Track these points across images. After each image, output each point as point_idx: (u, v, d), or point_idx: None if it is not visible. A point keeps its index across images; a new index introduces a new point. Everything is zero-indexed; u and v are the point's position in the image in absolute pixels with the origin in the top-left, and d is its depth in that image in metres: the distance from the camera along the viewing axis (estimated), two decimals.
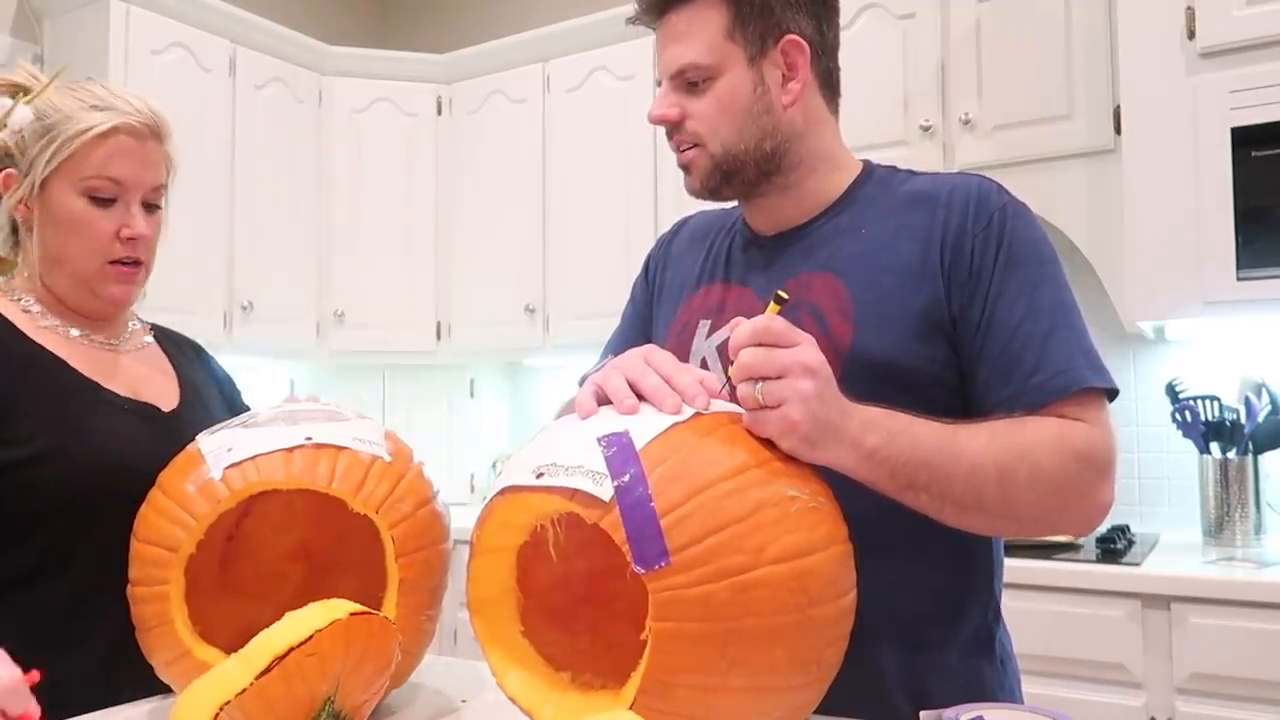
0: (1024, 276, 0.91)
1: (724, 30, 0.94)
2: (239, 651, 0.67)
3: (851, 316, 0.93)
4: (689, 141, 0.98)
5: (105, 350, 1.13)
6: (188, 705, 0.64)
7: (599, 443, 0.70)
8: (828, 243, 0.99)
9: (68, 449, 1.02)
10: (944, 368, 0.93)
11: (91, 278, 1.09)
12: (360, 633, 0.69)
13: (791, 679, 0.69)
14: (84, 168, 1.05)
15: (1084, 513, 0.88)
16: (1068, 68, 2.18)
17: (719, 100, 0.95)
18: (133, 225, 1.08)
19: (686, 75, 0.96)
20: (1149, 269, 1.98)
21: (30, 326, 1.08)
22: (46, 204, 1.06)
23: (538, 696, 0.74)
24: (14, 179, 1.07)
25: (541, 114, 2.96)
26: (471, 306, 3.11)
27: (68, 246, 1.07)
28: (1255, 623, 1.71)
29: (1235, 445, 2.12)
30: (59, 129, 1.05)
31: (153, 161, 1.10)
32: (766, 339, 0.75)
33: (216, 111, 2.76)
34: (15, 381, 1.02)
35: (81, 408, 1.06)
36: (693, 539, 0.66)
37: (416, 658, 0.95)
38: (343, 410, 1.00)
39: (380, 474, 0.91)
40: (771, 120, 0.96)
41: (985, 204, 0.94)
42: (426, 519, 0.93)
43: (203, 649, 0.87)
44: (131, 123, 1.07)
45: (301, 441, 0.89)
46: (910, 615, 0.94)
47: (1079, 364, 0.89)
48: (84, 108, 1.06)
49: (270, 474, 0.88)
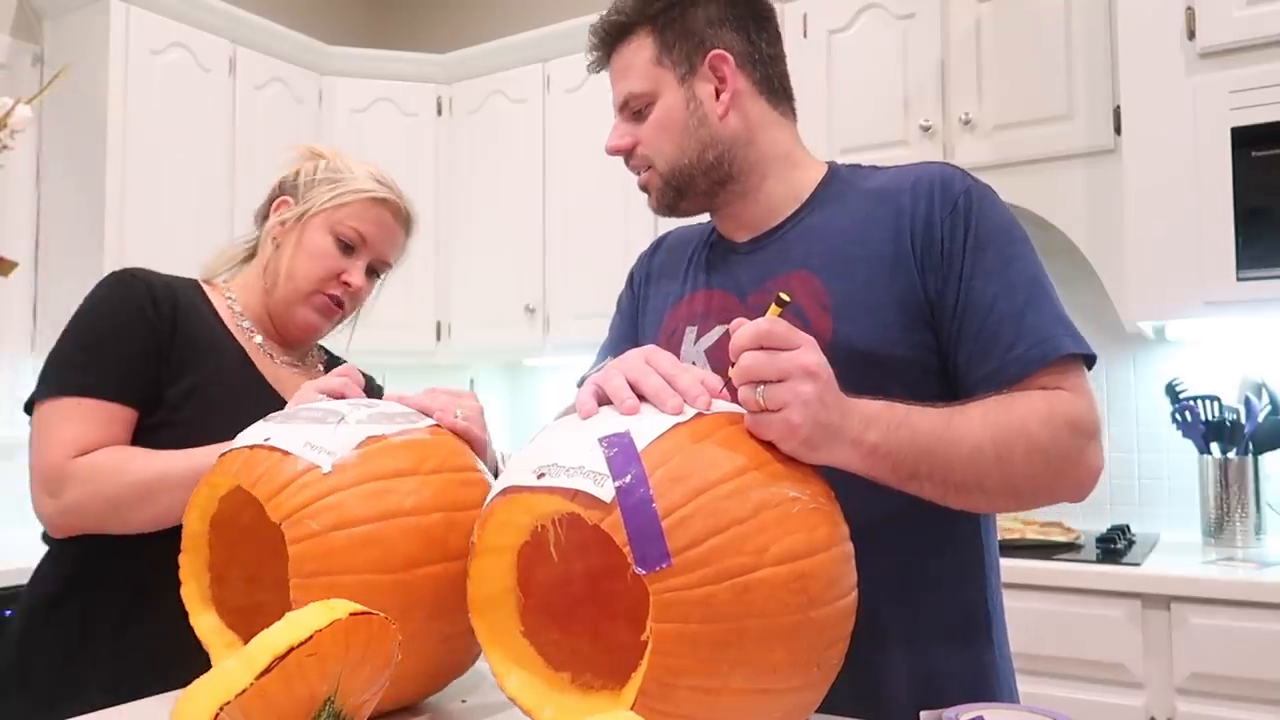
0: (994, 255, 0.93)
1: (653, 58, 1.02)
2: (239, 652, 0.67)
3: (830, 309, 0.96)
4: (641, 165, 1.06)
5: (277, 364, 1.26)
6: (188, 705, 0.64)
7: (600, 443, 0.70)
8: (800, 242, 1.02)
9: (204, 424, 1.08)
10: (927, 352, 0.95)
11: (295, 299, 1.23)
12: (360, 633, 0.68)
13: (792, 680, 0.69)
14: (345, 216, 1.23)
15: (1077, 480, 0.89)
16: (1068, 68, 2.18)
17: (658, 121, 1.03)
18: (352, 275, 1.24)
19: (630, 105, 1.04)
20: (1149, 269, 1.98)
21: (229, 319, 1.23)
22: (302, 231, 1.23)
23: (538, 697, 0.74)
24: (287, 205, 1.25)
25: (541, 114, 2.96)
26: (471, 306, 3.11)
27: (296, 266, 1.22)
28: (1255, 623, 1.71)
29: (1235, 445, 2.12)
30: (346, 183, 1.24)
31: (395, 241, 1.28)
32: (768, 342, 0.75)
33: (216, 111, 2.76)
34: (198, 354, 1.15)
35: (235, 395, 1.14)
36: (694, 540, 0.65)
37: None
38: (391, 410, 0.93)
39: (306, 485, 0.81)
40: (709, 131, 1.02)
41: (949, 189, 0.97)
42: (342, 543, 0.79)
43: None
44: (398, 205, 1.27)
45: (260, 441, 0.86)
46: (900, 596, 0.95)
47: (1056, 333, 0.91)
48: (370, 179, 1.25)
49: (223, 470, 0.87)
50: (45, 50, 2.70)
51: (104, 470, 1.06)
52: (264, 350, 1.25)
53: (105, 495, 1.06)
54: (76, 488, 1.06)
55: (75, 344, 1.12)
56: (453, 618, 0.80)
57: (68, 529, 1.10)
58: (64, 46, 2.65)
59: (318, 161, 1.26)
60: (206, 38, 2.73)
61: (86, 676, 1.08)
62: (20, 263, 1.16)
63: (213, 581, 0.92)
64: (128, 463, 1.07)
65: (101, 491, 1.06)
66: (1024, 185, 2.23)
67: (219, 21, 2.76)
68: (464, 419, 0.95)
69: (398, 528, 0.81)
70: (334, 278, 1.23)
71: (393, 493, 0.82)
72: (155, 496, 1.04)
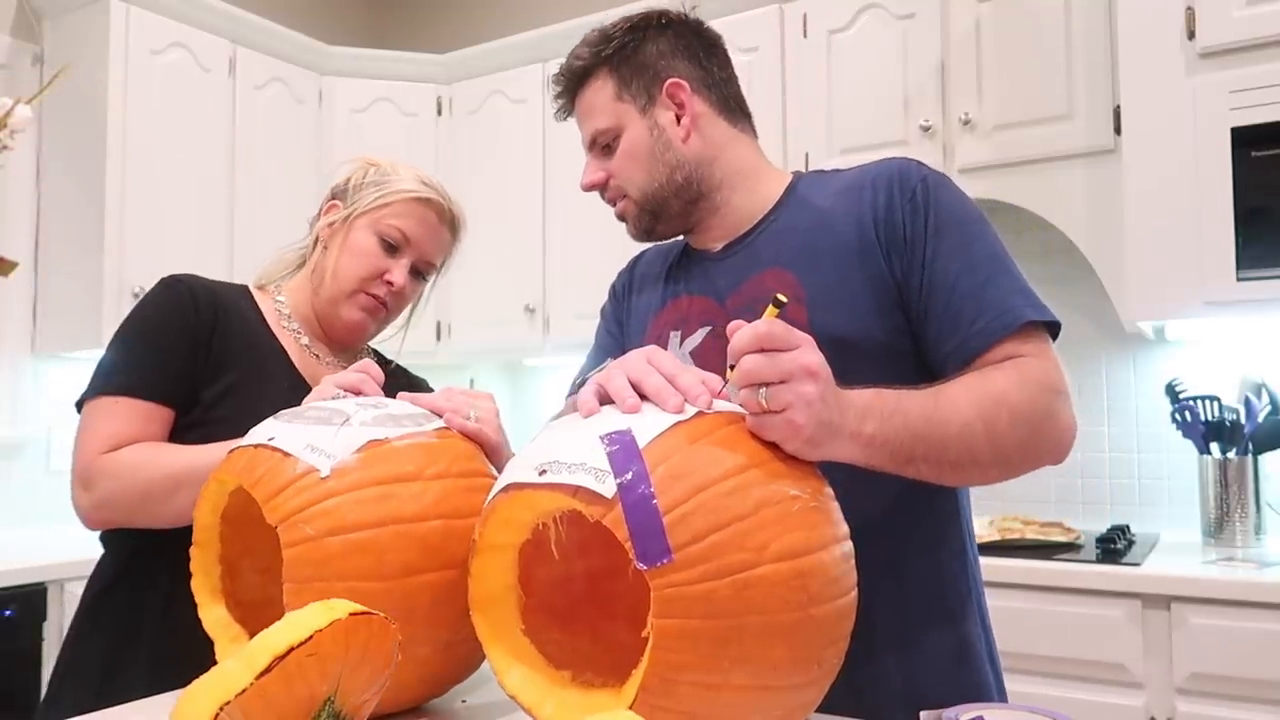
0: (954, 237, 0.98)
1: (614, 94, 1.09)
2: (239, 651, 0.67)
3: (804, 300, 1.00)
4: (616, 195, 1.12)
5: (323, 365, 1.27)
6: (188, 705, 0.64)
7: (602, 440, 0.70)
8: (770, 244, 1.07)
9: (238, 424, 1.06)
10: (900, 335, 0.99)
11: (340, 296, 1.25)
12: (360, 633, 0.68)
13: (792, 677, 0.69)
14: (388, 215, 1.25)
15: (1056, 440, 0.92)
16: (1068, 68, 2.18)
17: (626, 152, 1.09)
18: (395, 274, 1.25)
19: (599, 141, 1.11)
20: (1149, 269, 1.98)
21: (274, 321, 1.26)
22: (348, 232, 1.26)
23: (538, 694, 0.74)
24: (337, 208, 1.28)
25: (541, 114, 2.97)
26: (471, 306, 3.11)
27: (341, 265, 1.25)
28: (1255, 623, 1.71)
29: (1235, 445, 2.12)
30: (390, 184, 1.26)
31: (439, 241, 1.30)
32: (768, 344, 0.75)
33: (216, 111, 2.76)
34: (237, 355, 1.18)
35: (273, 397, 1.13)
36: (695, 536, 0.66)
37: None
38: (396, 410, 0.92)
39: (303, 488, 0.80)
40: (675, 155, 1.08)
41: (907, 179, 1.01)
42: (337, 549, 0.78)
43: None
44: (442, 205, 1.28)
45: (264, 441, 0.86)
46: (885, 572, 0.96)
47: (1017, 303, 0.94)
48: (415, 180, 1.27)
49: (229, 468, 0.87)
50: (45, 50, 2.70)
51: (132, 464, 1.09)
52: (310, 351, 1.27)
53: (133, 488, 1.08)
54: (107, 481, 1.09)
55: (118, 346, 1.17)
56: (452, 625, 0.80)
57: (101, 522, 1.14)
58: (64, 46, 2.65)
59: (368, 168, 1.29)
60: (206, 38, 2.73)
61: (130, 666, 1.11)
62: (20, 263, 1.16)
63: (225, 574, 0.92)
64: (155, 457, 1.09)
65: (130, 485, 1.08)
66: (1024, 185, 2.23)
67: (219, 21, 2.76)
68: (477, 420, 0.95)
69: (395, 534, 0.80)
70: (377, 277, 1.25)
71: (392, 498, 0.81)
72: (181, 490, 1.05)
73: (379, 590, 0.78)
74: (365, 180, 1.28)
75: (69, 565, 2.05)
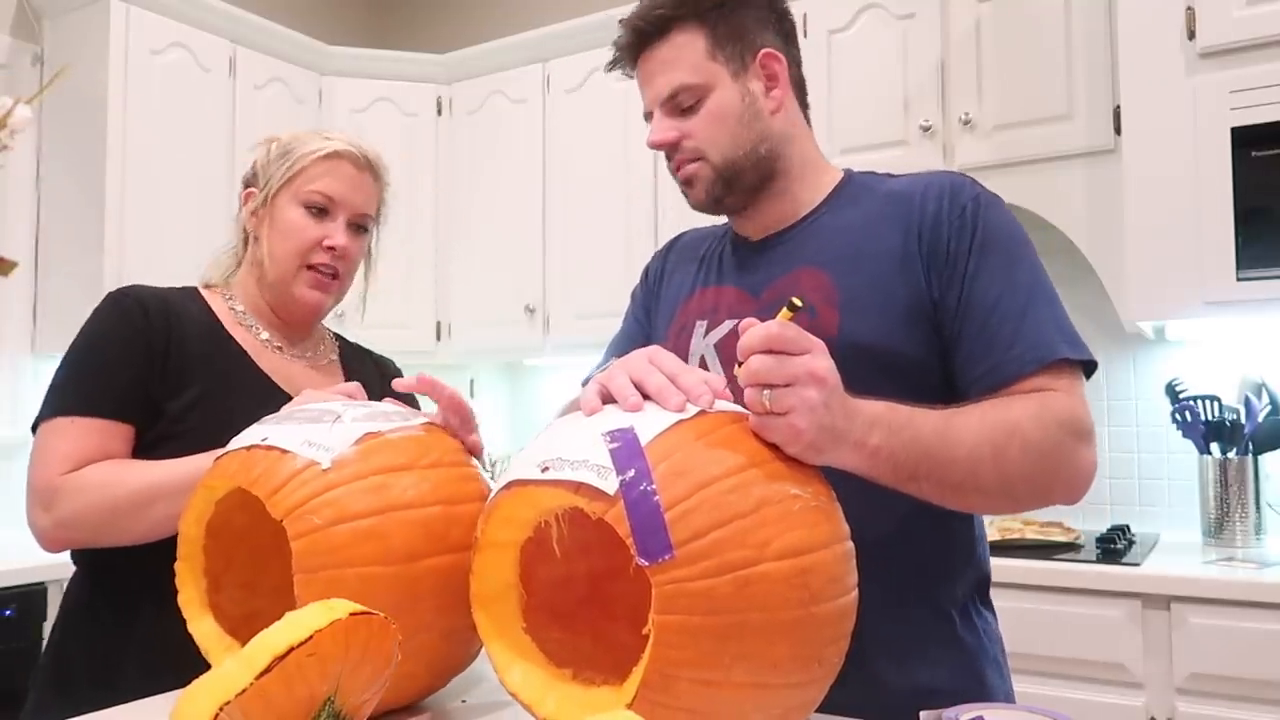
0: (999, 259, 0.96)
1: (705, 53, 1.03)
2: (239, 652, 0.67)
3: (837, 304, 0.98)
4: (689, 157, 1.05)
5: (287, 359, 1.25)
6: (188, 705, 0.64)
7: (604, 437, 0.70)
8: (812, 240, 1.05)
9: (209, 434, 1.06)
10: (930, 353, 0.97)
11: (289, 277, 1.22)
12: (360, 633, 0.68)
13: (793, 676, 0.69)
14: (306, 182, 1.21)
15: (1070, 481, 0.90)
16: (1068, 68, 2.19)
17: (712, 114, 1.03)
18: (335, 237, 1.22)
19: (678, 99, 1.04)
20: (1149, 269, 1.98)
21: (229, 321, 1.23)
22: (271, 213, 1.22)
23: (539, 691, 0.74)
24: (254, 195, 1.24)
25: (541, 114, 2.97)
26: (471, 306, 3.11)
27: (277, 246, 1.22)
28: (1255, 623, 1.71)
29: (1235, 445, 2.12)
30: (294, 151, 1.22)
31: (365, 190, 1.25)
32: (777, 346, 0.75)
33: (216, 111, 2.76)
34: (196, 362, 1.15)
35: (241, 401, 1.12)
36: (696, 533, 0.66)
37: None
38: (389, 410, 0.94)
39: (305, 481, 0.81)
40: (762, 126, 1.04)
41: (959, 195, 0.99)
42: (344, 537, 0.80)
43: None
44: (355, 154, 1.24)
45: (257, 442, 0.87)
46: (891, 586, 0.95)
47: (1054, 338, 0.93)
48: (320, 138, 1.24)
49: (220, 473, 0.87)
50: (45, 50, 2.70)
51: (97, 482, 1.06)
52: (271, 345, 1.24)
53: (99, 506, 1.06)
54: (70, 500, 1.06)
55: (69, 366, 1.14)
56: (455, 611, 0.81)
57: (64, 542, 1.11)
58: (64, 46, 2.65)
59: (270, 145, 1.25)
60: (206, 38, 2.73)
61: (117, 678, 1.08)
62: (20, 263, 1.15)
63: (209, 589, 0.92)
64: (120, 474, 1.07)
65: (95, 503, 1.06)
66: (1024, 185, 2.23)
67: (219, 21, 2.76)
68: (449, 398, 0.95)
69: (398, 521, 0.82)
70: (316, 246, 1.21)
71: (392, 487, 0.83)
72: (150, 506, 1.04)
73: (387, 575, 0.80)
74: (271, 157, 1.24)
75: (69, 565, 2.05)
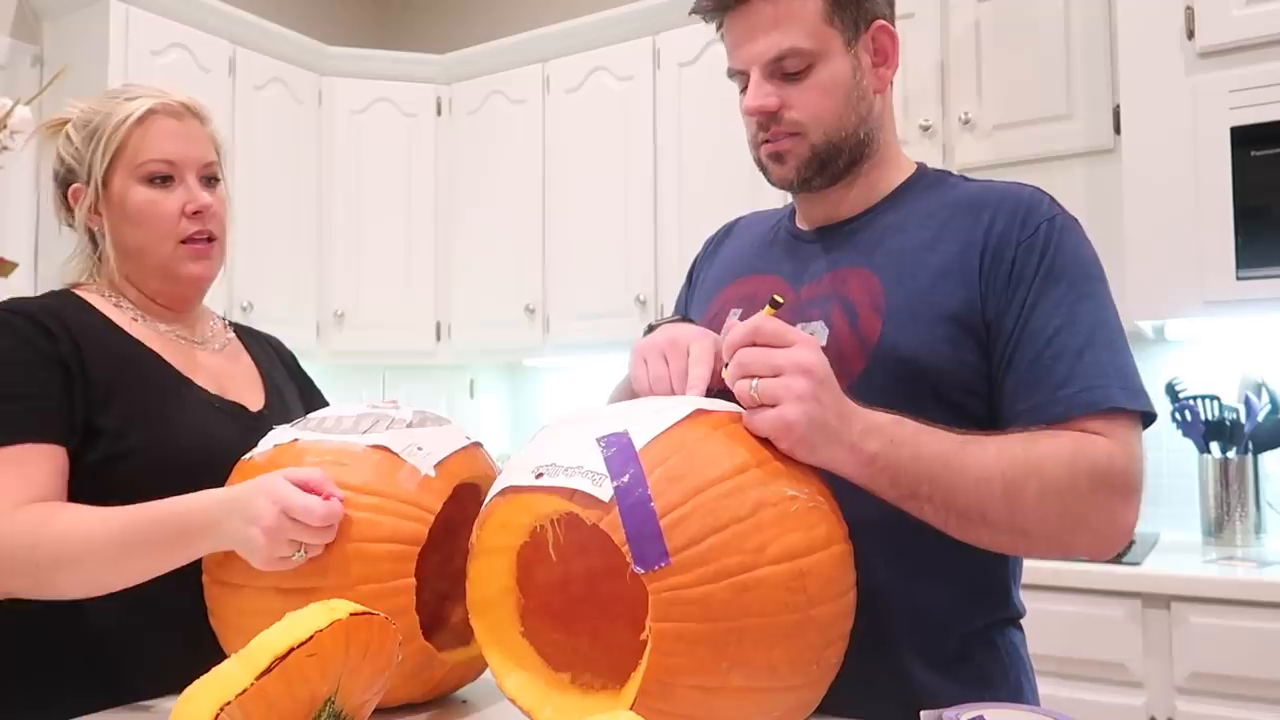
0: (1065, 289, 0.89)
1: (823, 15, 0.92)
2: (239, 652, 0.67)
3: (882, 311, 0.92)
4: (787, 130, 0.95)
5: (193, 347, 1.16)
6: (188, 705, 0.64)
7: (598, 443, 0.70)
8: (869, 239, 0.98)
9: (156, 446, 1.03)
10: (972, 373, 0.91)
11: (169, 261, 1.12)
12: (361, 633, 0.69)
13: (791, 679, 0.69)
14: (136, 155, 1.10)
15: (1097, 534, 0.84)
16: (1067, 68, 2.18)
17: (821, 86, 0.93)
18: (195, 199, 1.12)
19: (785, 63, 0.93)
20: (1149, 269, 1.98)
21: (124, 321, 1.12)
22: (112, 201, 1.10)
23: (537, 697, 0.74)
24: (81, 191, 1.11)
25: (541, 114, 2.96)
26: (471, 306, 3.11)
27: (140, 235, 1.11)
28: (1255, 622, 1.71)
29: (1235, 445, 2.12)
30: (103, 126, 1.10)
31: (198, 139, 1.15)
32: (760, 339, 0.75)
33: (216, 112, 2.71)
34: (115, 373, 1.05)
35: (174, 404, 1.07)
36: (692, 539, 0.66)
37: None
38: (402, 413, 0.96)
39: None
40: (866, 106, 0.96)
41: (1034, 213, 0.92)
42: None
43: None
44: (169, 104, 1.13)
45: (465, 443, 0.95)
46: (917, 617, 0.93)
47: (1110, 383, 0.85)
48: (119, 101, 1.12)
49: (469, 468, 0.94)
50: (45, 50, 2.69)
51: (19, 538, 0.92)
52: (174, 337, 1.15)
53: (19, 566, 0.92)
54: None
55: None
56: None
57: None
58: (64, 47, 2.65)
59: (66, 135, 1.12)
60: (206, 38, 2.73)
61: (74, 690, 0.99)
62: (20, 263, 1.15)
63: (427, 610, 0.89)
64: (44, 527, 0.93)
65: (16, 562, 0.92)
66: None
67: (219, 22, 2.76)
68: None
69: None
70: (179, 216, 1.10)
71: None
72: (80, 563, 0.91)
73: None
74: (78, 144, 1.11)
75: None
